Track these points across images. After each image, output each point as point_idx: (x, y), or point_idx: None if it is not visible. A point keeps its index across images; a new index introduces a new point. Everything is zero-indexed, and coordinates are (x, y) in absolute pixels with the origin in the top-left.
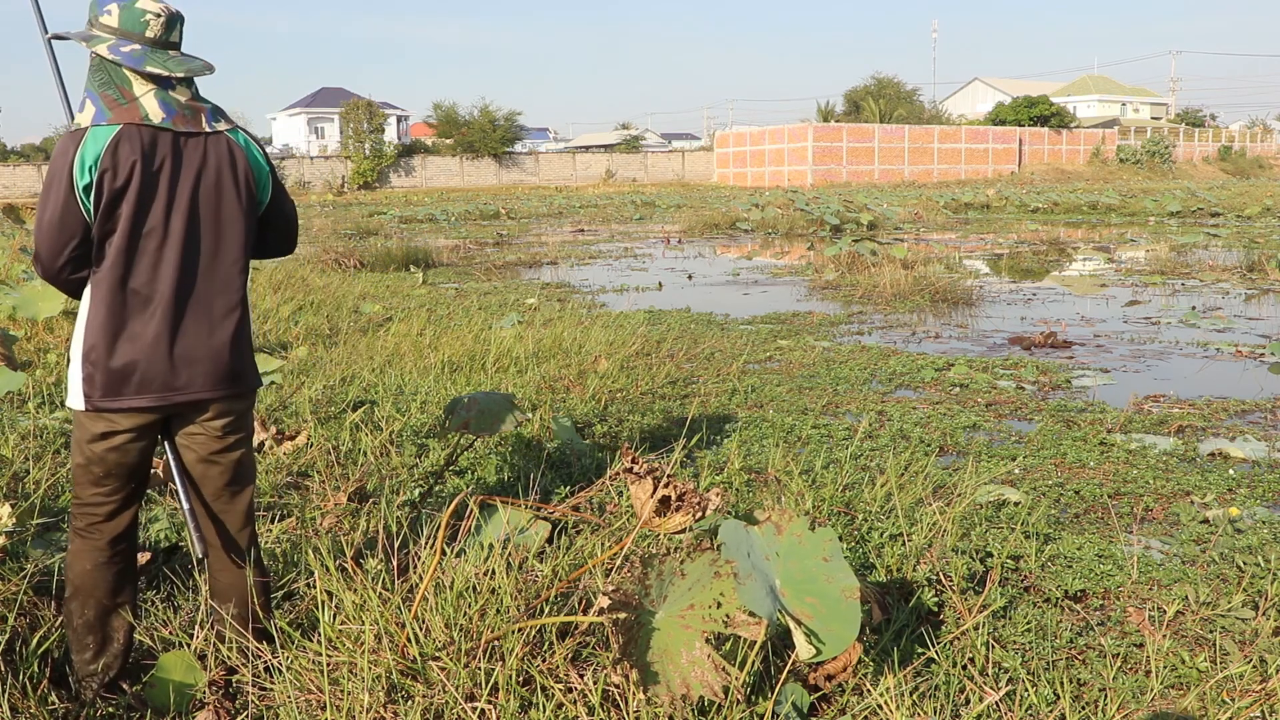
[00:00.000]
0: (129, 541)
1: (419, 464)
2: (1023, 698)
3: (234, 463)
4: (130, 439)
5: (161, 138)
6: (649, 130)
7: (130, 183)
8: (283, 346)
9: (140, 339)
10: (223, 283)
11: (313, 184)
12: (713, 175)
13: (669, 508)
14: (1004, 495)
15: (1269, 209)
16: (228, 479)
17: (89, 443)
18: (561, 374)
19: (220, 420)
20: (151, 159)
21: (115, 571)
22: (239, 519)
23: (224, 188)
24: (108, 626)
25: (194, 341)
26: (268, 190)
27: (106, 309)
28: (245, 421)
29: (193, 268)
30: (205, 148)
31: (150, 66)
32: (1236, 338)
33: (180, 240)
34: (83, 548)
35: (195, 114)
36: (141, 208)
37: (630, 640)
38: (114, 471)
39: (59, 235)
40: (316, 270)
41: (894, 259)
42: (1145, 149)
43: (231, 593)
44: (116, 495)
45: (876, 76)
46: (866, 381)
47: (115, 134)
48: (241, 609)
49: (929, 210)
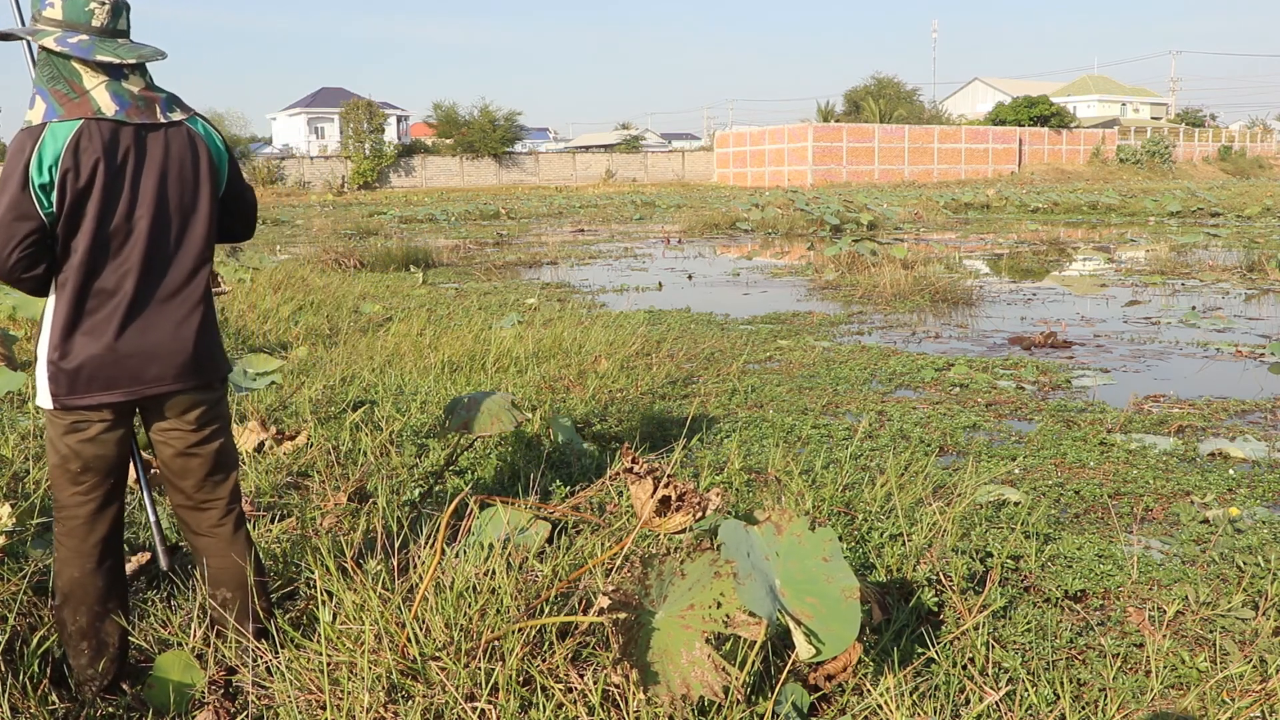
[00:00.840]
0: (115, 545)
1: (419, 464)
2: (1023, 698)
3: (214, 453)
4: (104, 429)
5: (123, 132)
6: (649, 130)
7: (94, 182)
8: (283, 346)
9: (106, 335)
10: (187, 275)
11: (313, 184)
12: (713, 175)
13: (669, 508)
14: (1004, 495)
15: (1269, 209)
16: (209, 469)
17: (63, 437)
18: (561, 374)
19: (193, 412)
20: (114, 156)
21: (104, 577)
22: (225, 502)
23: (187, 180)
24: (101, 632)
25: (160, 335)
26: (226, 177)
27: (72, 307)
28: (219, 410)
29: (157, 262)
30: (167, 140)
31: (100, 55)
32: (1236, 338)
33: (145, 236)
34: (69, 555)
35: (149, 104)
36: (106, 207)
37: (630, 640)
38: (91, 465)
39: (9, 234)
40: (316, 270)
41: (894, 259)
42: (1145, 149)
43: (227, 576)
44: (96, 493)
45: (876, 76)
46: (866, 381)
47: (75, 131)
48: (238, 593)
49: (929, 210)
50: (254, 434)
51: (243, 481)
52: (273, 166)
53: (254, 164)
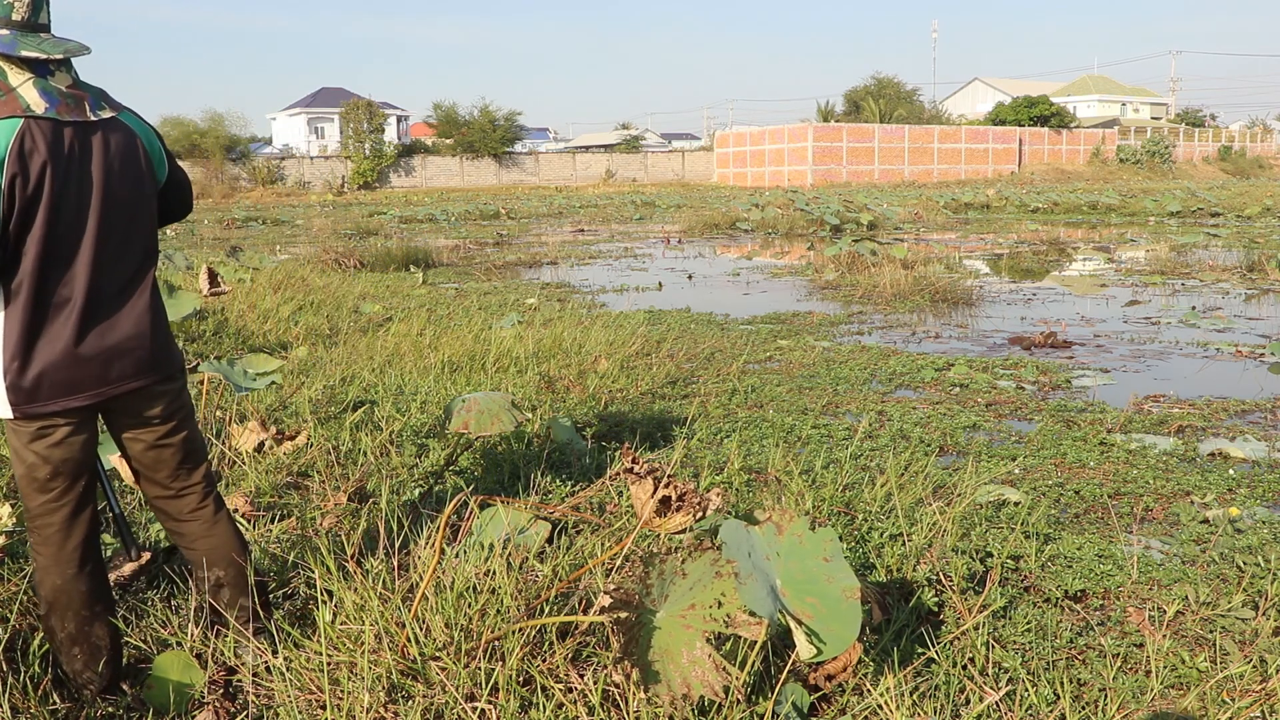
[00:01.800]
0: (93, 547)
1: (419, 464)
2: (1023, 698)
3: (183, 442)
4: (70, 432)
5: (65, 132)
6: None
7: (43, 186)
8: (283, 346)
9: (65, 339)
10: (135, 271)
11: (313, 184)
12: (713, 175)
13: (669, 508)
14: (1004, 495)
15: (1269, 209)
16: (180, 458)
17: (28, 446)
18: (561, 374)
19: (155, 407)
20: (59, 157)
21: (86, 581)
22: (202, 486)
23: (129, 177)
24: (92, 636)
25: (119, 334)
26: (164, 167)
27: (26, 313)
28: (181, 401)
29: (108, 262)
30: (107, 138)
31: (24, 50)
32: (1236, 338)
33: (95, 237)
34: (47, 564)
35: (78, 102)
36: (56, 210)
37: (631, 639)
38: (60, 470)
39: None
40: (316, 270)
41: (894, 259)
42: (1145, 149)
43: (218, 555)
44: (67, 497)
45: (876, 76)
46: (866, 381)
47: (17, 134)
48: (230, 569)
49: (929, 210)
50: (254, 434)
51: (242, 481)
52: (273, 166)
53: (254, 164)
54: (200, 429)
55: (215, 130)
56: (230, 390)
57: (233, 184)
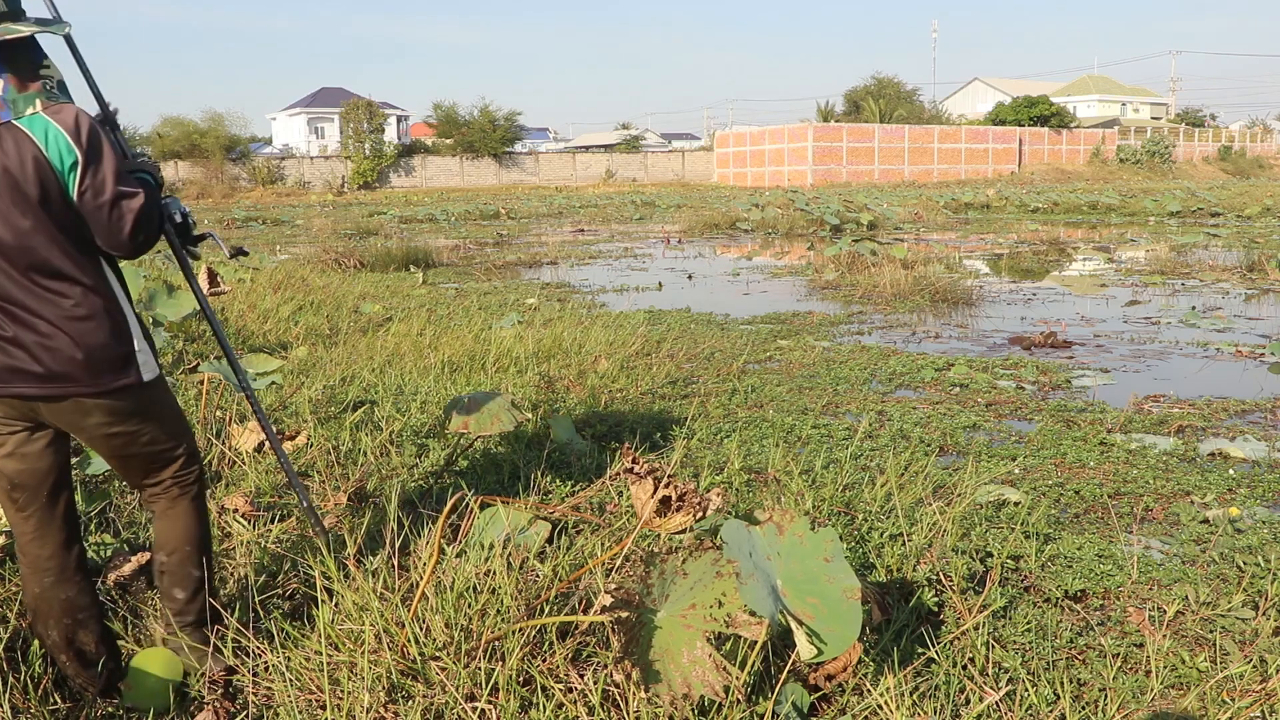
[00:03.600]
0: (71, 554)
1: (419, 464)
2: (1023, 698)
3: (144, 450)
4: (20, 442)
5: None
6: (649, 130)
7: None
8: (283, 346)
9: None
10: (48, 289)
11: (313, 184)
12: (713, 175)
13: (670, 508)
14: (1004, 495)
15: (1269, 209)
16: (147, 463)
17: None
18: (561, 374)
19: (96, 418)
20: None
21: (67, 589)
22: (171, 479)
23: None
24: (77, 641)
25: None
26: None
27: None
28: (132, 415)
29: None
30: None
31: None
32: (1236, 338)
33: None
34: (26, 572)
35: None
36: None
37: (632, 639)
38: (16, 480)
39: None
40: (316, 270)
41: (894, 259)
42: (1145, 149)
43: (164, 537)
44: (32, 508)
45: (876, 76)
46: (866, 381)
47: None
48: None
49: (929, 210)
50: (254, 434)
51: (242, 481)
52: (273, 167)
53: (254, 164)
54: (193, 431)
55: (215, 130)
56: (230, 390)
57: (233, 184)
